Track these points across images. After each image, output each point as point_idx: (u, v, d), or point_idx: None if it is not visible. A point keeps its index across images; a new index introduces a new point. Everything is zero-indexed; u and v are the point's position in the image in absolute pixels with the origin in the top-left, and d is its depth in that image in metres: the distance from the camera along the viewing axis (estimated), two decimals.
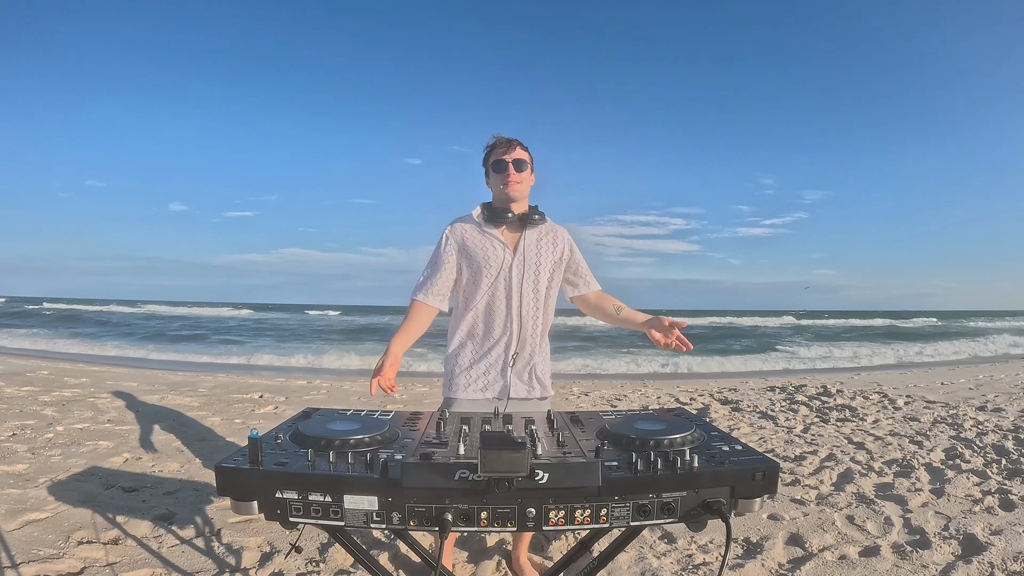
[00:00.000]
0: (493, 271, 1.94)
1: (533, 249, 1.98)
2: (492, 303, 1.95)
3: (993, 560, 2.24)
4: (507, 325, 1.94)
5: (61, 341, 14.36)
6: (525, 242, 1.97)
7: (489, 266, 1.94)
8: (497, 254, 1.95)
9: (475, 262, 1.95)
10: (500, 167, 1.92)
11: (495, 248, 1.95)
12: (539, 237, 2.00)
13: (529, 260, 1.96)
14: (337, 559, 2.26)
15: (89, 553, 2.22)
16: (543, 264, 1.98)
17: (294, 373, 9.37)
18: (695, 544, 2.41)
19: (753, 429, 4.67)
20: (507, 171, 1.91)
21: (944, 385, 7.31)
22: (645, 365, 11.61)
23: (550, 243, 2.01)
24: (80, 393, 5.70)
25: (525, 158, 1.95)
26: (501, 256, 1.95)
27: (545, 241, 2.01)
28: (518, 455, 0.93)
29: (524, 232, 1.98)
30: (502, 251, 1.95)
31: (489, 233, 1.97)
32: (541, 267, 1.98)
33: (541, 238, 2.00)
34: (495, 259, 1.94)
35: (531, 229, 1.98)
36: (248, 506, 1.03)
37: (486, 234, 1.97)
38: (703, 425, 1.34)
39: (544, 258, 1.99)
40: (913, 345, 15.69)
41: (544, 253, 2.00)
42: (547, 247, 2.00)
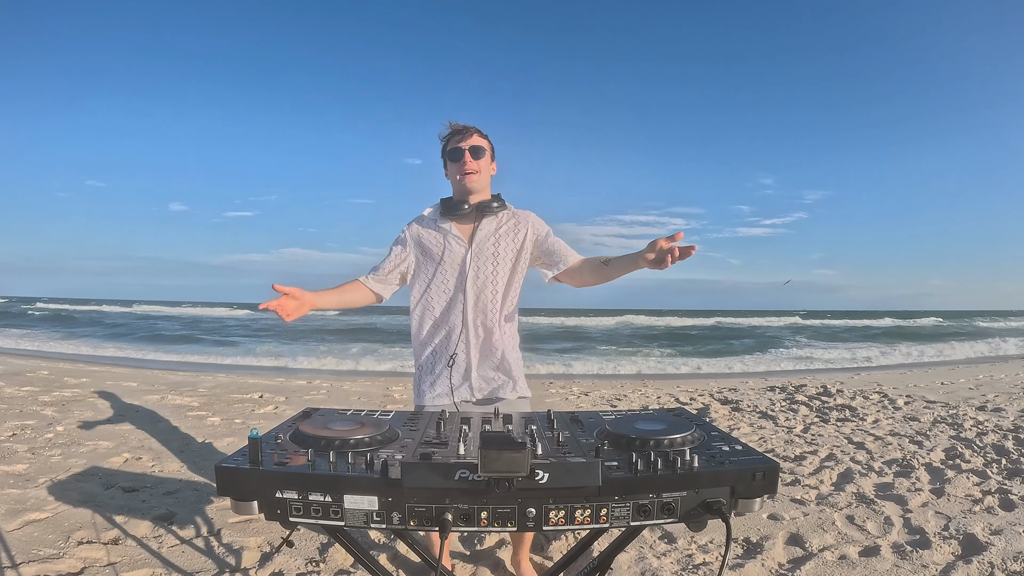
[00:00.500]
0: (447, 267, 1.85)
1: (491, 239, 1.87)
2: (448, 301, 1.86)
3: (993, 560, 2.24)
4: (464, 323, 1.84)
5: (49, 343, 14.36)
6: (481, 233, 1.86)
7: (443, 262, 1.85)
8: (451, 249, 1.86)
9: (430, 259, 1.87)
10: (456, 155, 1.83)
11: (449, 243, 1.86)
12: (498, 226, 1.89)
13: (486, 252, 1.85)
14: (337, 559, 2.26)
15: (89, 553, 2.22)
16: (502, 255, 1.87)
17: (294, 373, 9.37)
18: (695, 544, 2.41)
19: (753, 429, 4.67)
20: (463, 159, 1.82)
21: (944, 385, 7.31)
22: (645, 365, 11.61)
23: (510, 231, 1.90)
24: (80, 393, 5.70)
25: (483, 145, 1.85)
26: (455, 250, 1.86)
27: (505, 229, 1.89)
28: (518, 455, 0.93)
29: (481, 222, 1.87)
30: (456, 245, 1.86)
31: (443, 228, 1.88)
32: (500, 258, 1.86)
33: (500, 226, 1.89)
34: (449, 254, 1.85)
35: (489, 218, 1.87)
36: (248, 506, 1.03)
37: (440, 229, 1.88)
38: (703, 425, 1.34)
39: (504, 248, 1.88)
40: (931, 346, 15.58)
41: (504, 242, 1.88)
42: (507, 236, 1.89)
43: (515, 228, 1.91)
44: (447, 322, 1.86)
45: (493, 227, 1.88)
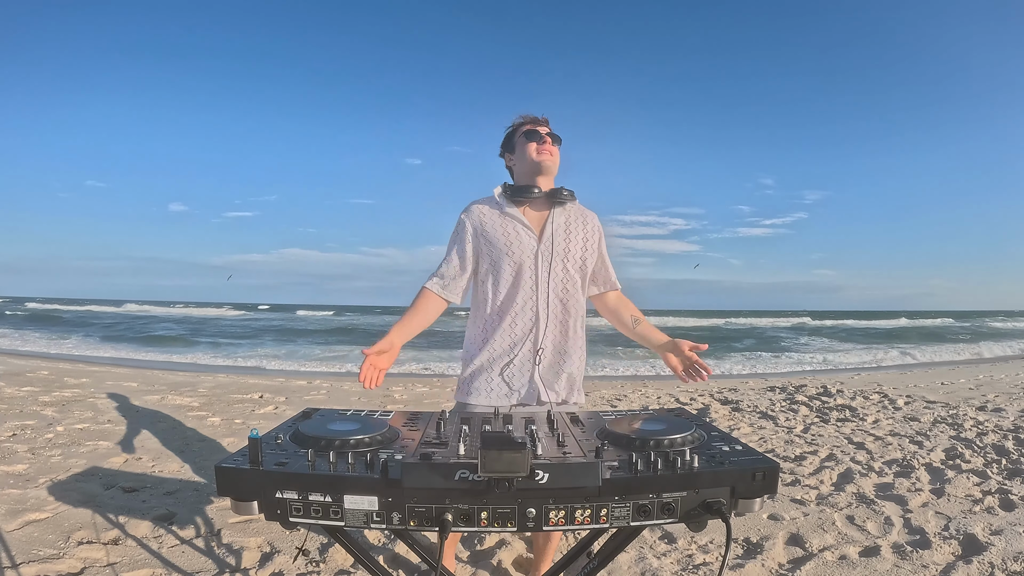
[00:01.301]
0: (516, 259, 1.70)
1: (562, 233, 1.74)
2: (516, 296, 1.71)
3: (993, 560, 2.24)
4: (534, 322, 1.70)
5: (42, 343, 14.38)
6: (553, 225, 1.74)
7: (511, 253, 1.70)
8: (520, 239, 1.71)
9: (495, 249, 1.72)
10: (534, 135, 1.73)
11: (518, 233, 1.72)
12: (568, 219, 1.77)
13: (558, 246, 1.73)
14: (337, 559, 2.26)
15: (89, 553, 2.22)
16: (573, 250, 1.75)
17: (294, 373, 9.37)
18: (695, 544, 2.41)
19: (753, 429, 4.67)
20: (543, 139, 1.72)
21: (944, 385, 7.30)
22: (645, 365, 11.61)
23: (580, 226, 1.78)
24: (80, 393, 5.70)
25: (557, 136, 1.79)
26: (525, 241, 1.71)
27: (575, 224, 1.78)
28: (518, 455, 0.93)
29: (552, 213, 1.74)
30: (526, 236, 1.72)
31: (510, 215, 1.73)
32: (571, 253, 1.75)
33: (570, 220, 1.77)
34: (518, 245, 1.71)
35: (559, 209, 1.76)
36: (248, 506, 1.03)
37: (507, 216, 1.74)
38: (703, 425, 1.34)
39: (574, 243, 1.76)
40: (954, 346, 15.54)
41: (574, 238, 1.76)
42: (577, 231, 1.77)
43: (584, 224, 1.80)
44: (513, 319, 1.71)
45: (563, 220, 1.76)
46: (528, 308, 1.71)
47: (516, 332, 1.71)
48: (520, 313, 1.71)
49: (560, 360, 1.75)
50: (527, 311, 1.71)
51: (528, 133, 1.75)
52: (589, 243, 1.80)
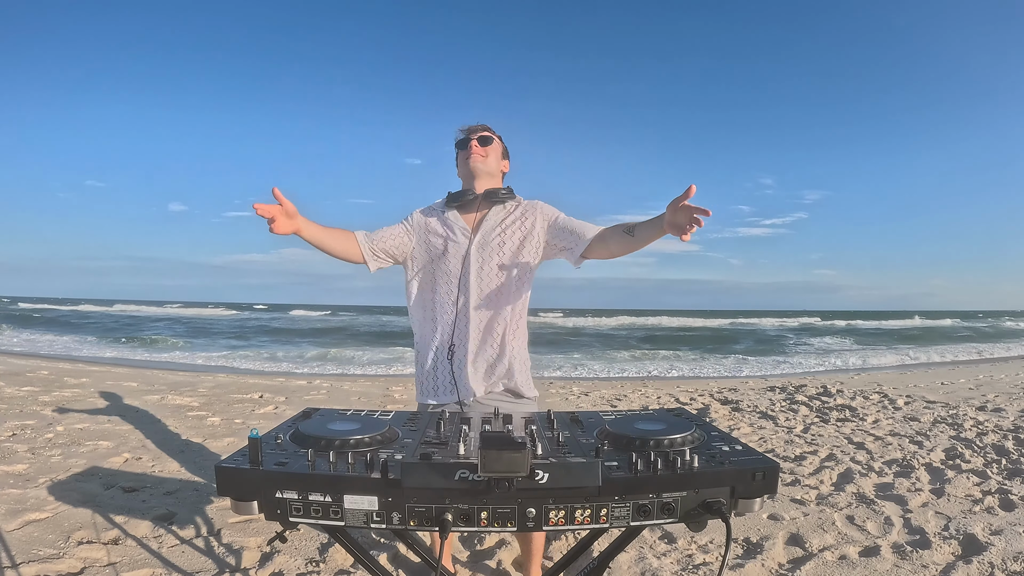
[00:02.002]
0: (449, 258, 1.78)
1: (497, 230, 1.79)
2: (449, 295, 1.78)
3: (993, 560, 2.24)
4: (466, 319, 1.76)
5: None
6: (488, 224, 1.79)
7: (446, 252, 1.78)
8: (455, 239, 1.79)
9: (432, 250, 1.80)
10: (463, 144, 1.82)
11: (453, 233, 1.80)
12: (506, 216, 1.82)
13: (492, 242, 1.77)
14: (337, 559, 2.26)
15: (89, 553, 2.22)
16: (508, 244, 1.79)
17: (294, 373, 9.37)
18: (695, 544, 2.41)
19: (753, 429, 4.67)
20: (469, 146, 1.80)
21: (944, 385, 7.30)
22: (645, 365, 11.61)
23: (517, 220, 1.82)
24: (80, 393, 5.70)
25: (490, 135, 1.84)
26: (460, 241, 1.78)
27: (512, 219, 1.82)
28: (518, 455, 0.93)
29: (488, 212, 1.81)
30: (461, 235, 1.79)
31: (447, 217, 1.82)
32: (506, 248, 1.78)
33: (508, 217, 1.82)
34: (452, 245, 1.78)
35: (496, 208, 1.82)
36: (248, 506, 1.03)
37: (444, 218, 1.82)
38: (703, 425, 1.34)
39: (510, 237, 1.79)
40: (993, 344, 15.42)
41: (511, 232, 1.80)
42: (514, 225, 1.81)
43: (522, 217, 1.83)
44: (448, 318, 1.78)
45: (500, 217, 1.81)
46: (460, 306, 1.77)
47: (455, 331, 1.78)
48: (456, 311, 1.78)
49: (497, 355, 1.78)
50: (464, 308, 1.77)
51: (458, 143, 1.86)
52: (531, 234, 1.81)
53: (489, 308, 1.77)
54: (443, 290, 1.80)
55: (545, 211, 1.85)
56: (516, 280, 1.79)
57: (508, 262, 1.78)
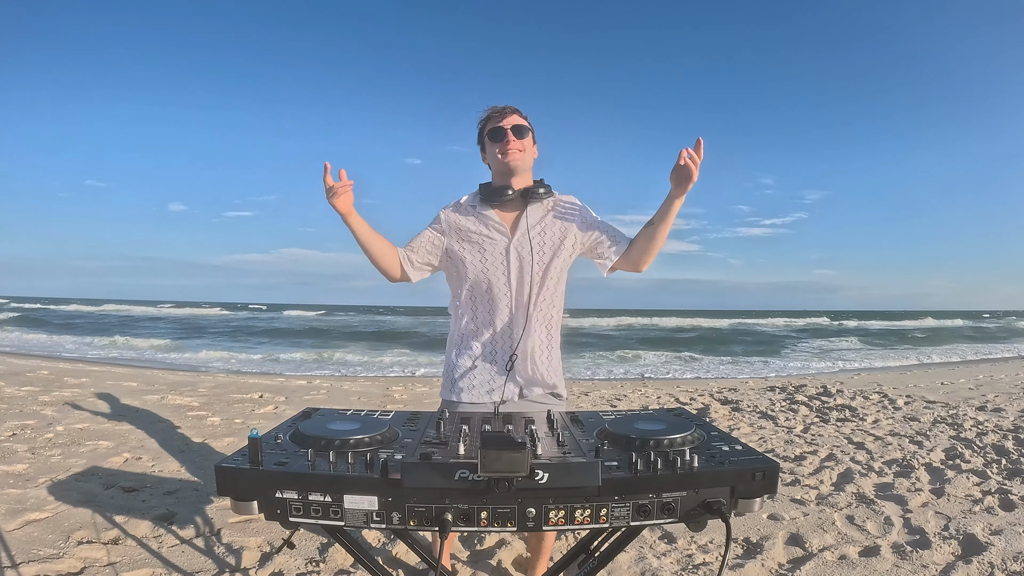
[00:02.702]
0: (489, 257, 1.72)
1: (536, 229, 1.73)
2: (490, 294, 1.73)
3: (993, 560, 2.24)
4: (509, 319, 1.73)
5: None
6: (527, 221, 1.73)
7: (484, 251, 1.73)
8: (493, 238, 1.73)
9: (470, 249, 1.74)
10: (497, 135, 1.71)
11: (490, 231, 1.73)
12: (544, 214, 1.75)
13: (533, 241, 1.72)
14: (337, 559, 2.26)
15: (89, 553, 2.22)
16: (548, 244, 1.74)
17: (294, 373, 9.37)
18: (695, 544, 2.41)
19: (753, 429, 4.67)
20: (505, 138, 1.69)
21: (944, 385, 7.30)
22: (645, 365, 11.62)
23: (557, 219, 1.76)
24: (80, 393, 5.70)
25: (525, 124, 1.74)
26: (498, 240, 1.73)
27: (551, 218, 1.76)
28: (518, 455, 0.93)
29: (526, 210, 1.73)
30: (499, 234, 1.73)
31: (484, 215, 1.74)
32: (546, 248, 1.74)
33: (546, 215, 1.76)
34: (491, 244, 1.73)
35: (534, 205, 1.74)
36: (248, 506, 1.03)
37: (481, 216, 1.74)
38: (703, 425, 1.34)
39: (549, 238, 1.75)
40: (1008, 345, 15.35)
41: (549, 232, 1.75)
42: (553, 224, 1.76)
43: (562, 215, 1.77)
44: (488, 318, 1.75)
45: (539, 215, 1.75)
46: (504, 306, 1.73)
47: (494, 331, 1.74)
48: (497, 312, 1.74)
49: (536, 358, 1.75)
50: (504, 310, 1.73)
51: (491, 133, 1.73)
52: (569, 234, 1.77)
53: (530, 308, 1.73)
54: (482, 291, 1.75)
55: (584, 213, 1.81)
56: (554, 280, 1.76)
57: (547, 261, 1.74)
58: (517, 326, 1.74)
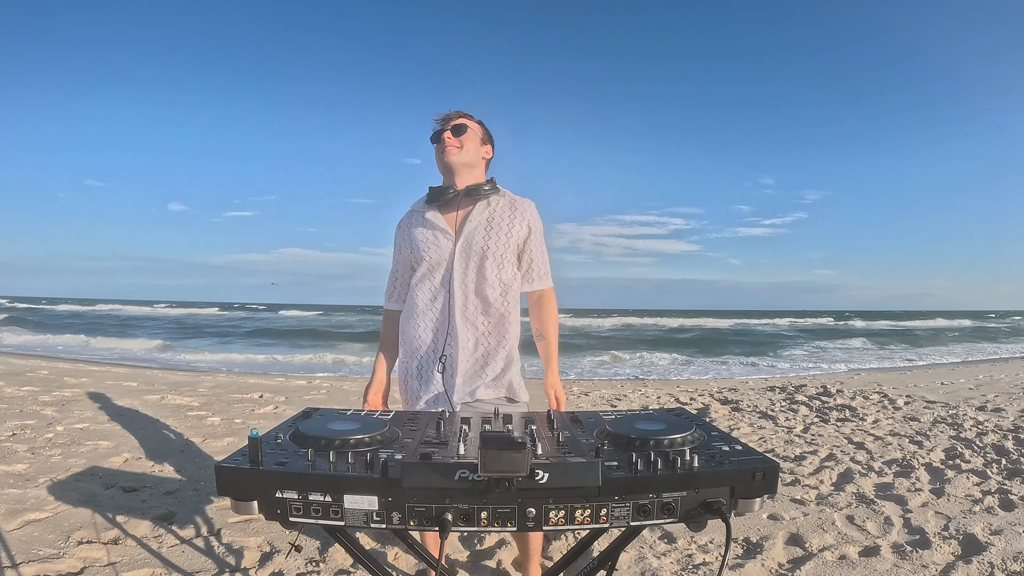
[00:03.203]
0: (433, 263, 1.69)
1: (481, 231, 1.68)
2: (434, 302, 1.70)
3: (993, 560, 2.24)
4: (451, 326, 1.68)
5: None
6: (471, 224, 1.69)
7: (430, 259, 1.69)
8: (438, 244, 1.69)
9: (416, 255, 1.73)
10: (436, 137, 1.71)
11: (436, 237, 1.70)
12: (491, 215, 1.70)
13: (475, 246, 1.67)
14: (337, 559, 2.26)
15: (89, 553, 2.22)
16: (493, 248, 1.68)
17: (294, 373, 9.37)
18: (695, 544, 2.41)
19: (753, 429, 4.67)
20: (442, 138, 1.69)
21: (944, 385, 7.31)
22: (645, 365, 11.62)
23: (505, 221, 1.71)
24: (80, 393, 5.70)
25: (466, 123, 1.71)
26: (442, 244, 1.69)
27: (499, 219, 1.71)
28: (518, 455, 0.93)
29: (471, 211, 1.69)
30: (443, 238, 1.70)
31: (428, 219, 1.72)
32: (491, 251, 1.68)
33: (494, 216, 1.71)
34: (435, 249, 1.69)
35: (480, 205, 1.70)
36: (248, 506, 1.03)
37: (425, 220, 1.73)
38: (703, 425, 1.34)
39: (495, 240, 1.69)
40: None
41: (496, 234, 1.69)
42: (501, 226, 1.70)
43: (511, 218, 1.72)
44: (433, 325, 1.71)
45: (484, 216, 1.70)
46: (443, 312, 1.70)
47: (439, 339, 1.71)
48: (437, 317, 1.71)
49: (481, 362, 1.70)
50: (442, 315, 1.70)
51: (432, 137, 1.74)
52: (515, 236, 1.73)
53: (476, 313, 1.70)
54: (427, 297, 1.72)
55: (532, 220, 1.77)
56: (503, 282, 1.71)
57: (494, 264, 1.69)
58: (462, 333, 1.68)
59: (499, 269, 1.70)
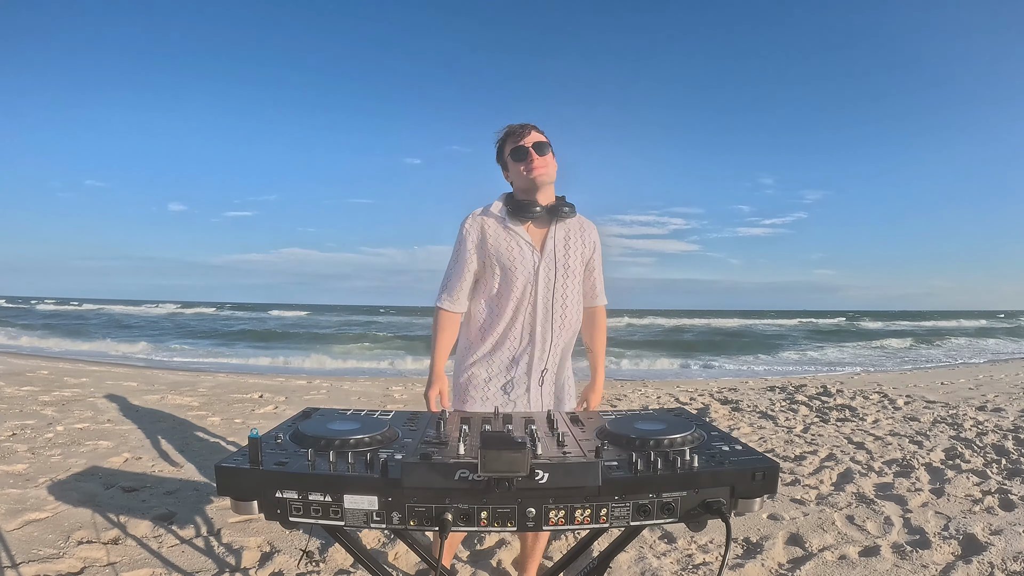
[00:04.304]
0: (519, 275, 1.73)
1: (562, 248, 1.78)
2: (517, 312, 1.75)
3: (993, 560, 2.24)
4: (532, 337, 1.75)
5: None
6: (554, 241, 1.77)
7: (515, 269, 1.73)
8: (524, 256, 1.74)
9: (500, 264, 1.74)
10: (520, 154, 1.72)
11: (521, 249, 1.74)
12: (568, 234, 1.80)
13: (559, 262, 1.76)
14: (337, 559, 2.26)
15: (89, 553, 2.22)
16: (572, 265, 1.79)
17: (294, 373, 9.37)
18: (695, 544, 2.41)
19: (753, 429, 4.67)
20: (529, 157, 1.71)
21: (944, 385, 7.30)
22: (646, 365, 11.62)
23: (579, 240, 1.81)
24: (80, 393, 5.70)
25: (544, 140, 1.76)
26: (528, 258, 1.74)
27: (574, 238, 1.81)
28: (518, 455, 0.93)
29: (553, 228, 1.77)
30: (529, 252, 1.75)
31: (513, 231, 1.75)
32: (571, 269, 1.79)
33: (570, 235, 1.80)
34: (521, 262, 1.74)
35: (560, 224, 1.78)
36: (248, 506, 1.03)
37: (510, 232, 1.75)
38: (703, 425, 1.34)
39: (573, 258, 1.80)
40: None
41: (573, 252, 1.80)
42: (576, 245, 1.81)
43: (582, 239, 1.83)
44: (512, 333, 1.76)
45: (563, 235, 1.79)
46: (529, 324, 1.76)
47: (517, 348, 1.77)
48: (522, 329, 1.76)
49: (558, 373, 1.82)
50: (528, 327, 1.76)
51: (514, 153, 1.74)
52: (585, 255, 1.85)
53: (553, 326, 1.77)
54: (509, 306, 1.75)
55: (598, 241, 1.89)
56: (575, 299, 1.81)
57: (572, 282, 1.79)
58: (537, 346, 1.76)
59: (575, 285, 1.81)
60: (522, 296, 1.74)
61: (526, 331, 1.76)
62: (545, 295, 1.75)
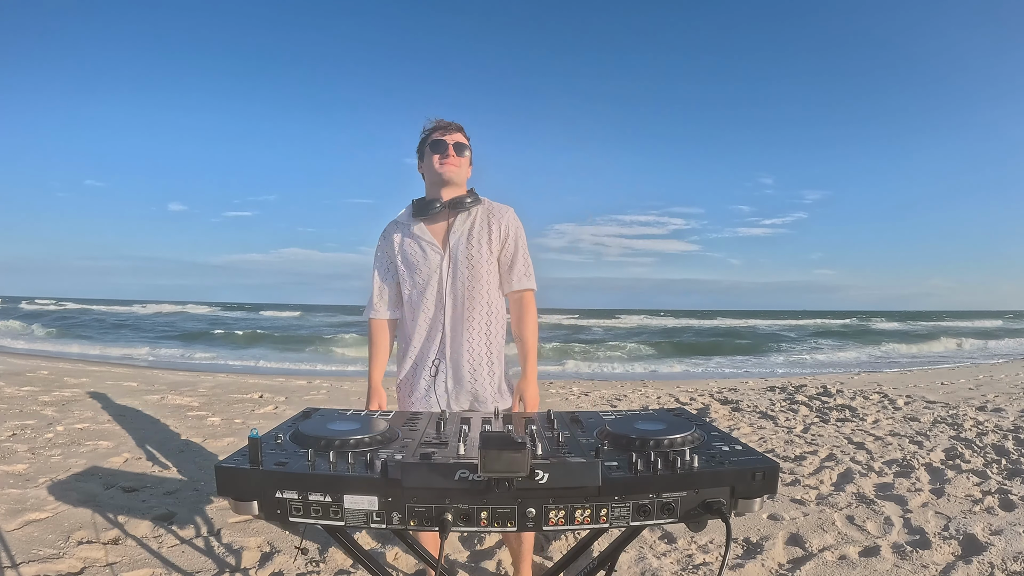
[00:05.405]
0: (424, 276, 1.77)
1: (464, 242, 1.76)
2: (427, 315, 1.78)
3: (993, 560, 2.24)
4: (446, 334, 1.76)
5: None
6: (456, 235, 1.76)
7: (420, 272, 1.77)
8: (427, 258, 1.77)
9: (407, 268, 1.79)
10: (439, 147, 1.74)
11: (424, 251, 1.77)
12: (473, 225, 1.78)
13: (461, 257, 1.75)
14: (337, 559, 2.26)
15: (89, 553, 2.22)
16: (478, 258, 1.76)
17: (294, 373, 9.37)
18: (695, 544, 2.41)
19: (753, 429, 4.67)
20: (446, 151, 1.74)
21: (944, 385, 7.30)
22: (645, 365, 11.62)
23: (485, 229, 1.78)
24: (80, 393, 5.70)
25: (465, 143, 1.79)
26: (431, 257, 1.77)
27: (480, 228, 1.78)
28: (518, 455, 0.93)
29: (454, 221, 1.76)
30: (431, 251, 1.77)
31: (415, 234, 1.79)
32: (476, 262, 1.76)
33: (475, 226, 1.78)
34: (424, 263, 1.77)
35: (461, 217, 1.77)
36: (248, 506, 1.03)
37: (414, 236, 1.79)
38: (703, 425, 1.34)
39: (479, 250, 1.76)
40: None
41: (478, 244, 1.76)
42: (482, 234, 1.77)
43: (491, 226, 1.79)
44: (427, 334, 1.79)
45: (466, 228, 1.77)
46: (439, 327, 1.78)
47: (430, 352, 1.79)
48: (433, 332, 1.79)
49: (472, 369, 1.78)
50: (438, 330, 1.78)
51: (433, 144, 1.76)
52: (495, 243, 1.79)
53: (465, 322, 1.77)
54: (419, 308, 1.79)
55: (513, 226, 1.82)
56: (487, 290, 1.78)
57: (478, 272, 1.76)
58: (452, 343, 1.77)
59: (485, 276, 1.78)
60: (436, 296, 1.77)
61: (439, 329, 1.77)
62: (454, 291, 1.76)
